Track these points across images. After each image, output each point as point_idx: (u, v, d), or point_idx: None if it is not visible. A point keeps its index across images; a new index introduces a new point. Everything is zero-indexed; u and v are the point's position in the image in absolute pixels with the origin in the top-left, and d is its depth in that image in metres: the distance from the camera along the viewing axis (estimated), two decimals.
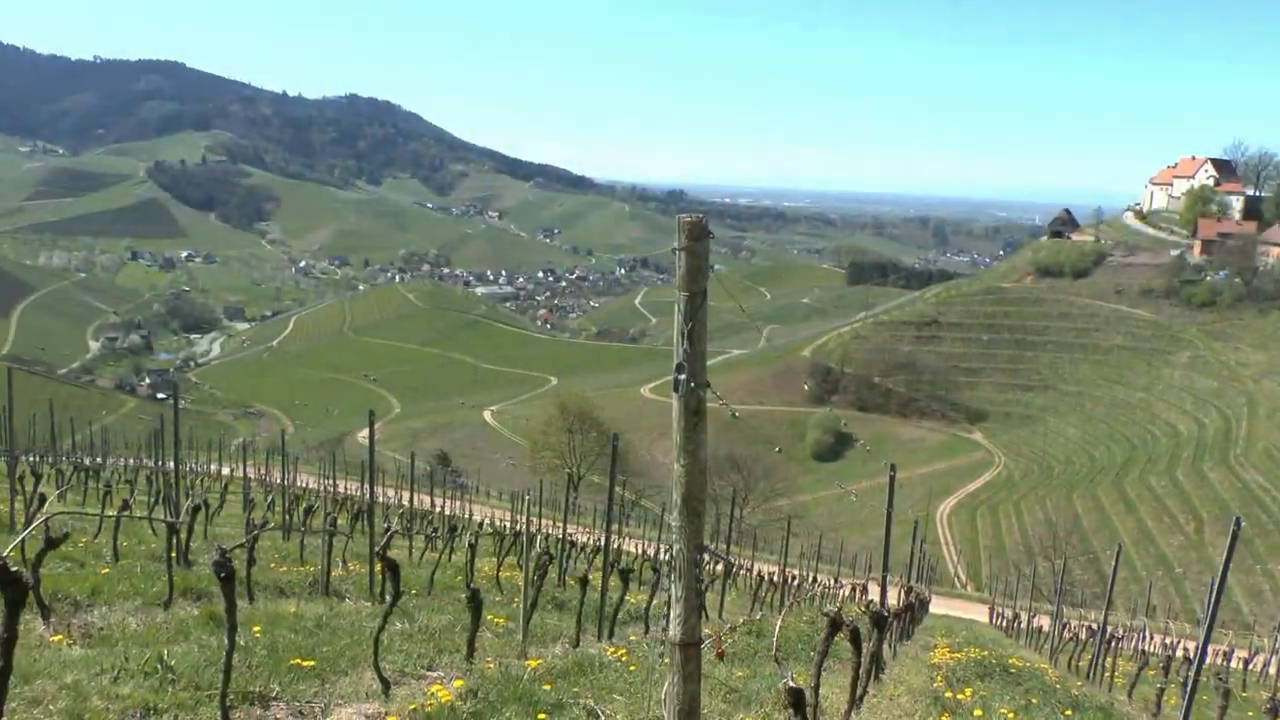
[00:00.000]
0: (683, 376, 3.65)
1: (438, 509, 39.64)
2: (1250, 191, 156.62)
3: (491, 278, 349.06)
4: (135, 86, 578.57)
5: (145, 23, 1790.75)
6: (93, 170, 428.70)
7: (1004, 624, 32.82)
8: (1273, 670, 30.85)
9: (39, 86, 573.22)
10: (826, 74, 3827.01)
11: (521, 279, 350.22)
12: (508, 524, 31.20)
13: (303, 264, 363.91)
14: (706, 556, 3.93)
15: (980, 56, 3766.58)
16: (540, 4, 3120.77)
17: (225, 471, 48.15)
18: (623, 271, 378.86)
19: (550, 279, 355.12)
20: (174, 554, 11.67)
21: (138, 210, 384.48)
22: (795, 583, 29.14)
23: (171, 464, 21.55)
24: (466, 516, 39.69)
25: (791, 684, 4.36)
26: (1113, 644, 19.34)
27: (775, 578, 25.76)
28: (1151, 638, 31.93)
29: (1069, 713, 11.34)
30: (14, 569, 4.47)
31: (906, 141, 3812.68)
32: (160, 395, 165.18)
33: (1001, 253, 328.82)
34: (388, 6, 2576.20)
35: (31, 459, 32.86)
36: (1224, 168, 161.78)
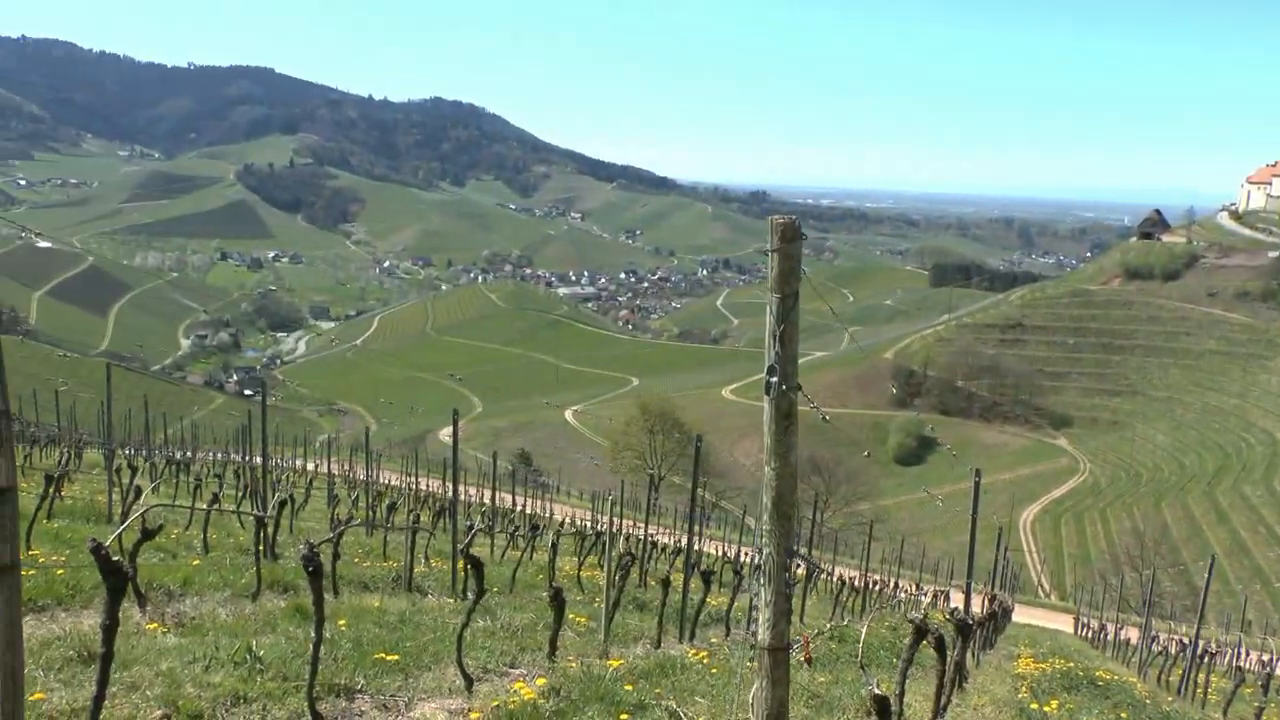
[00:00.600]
0: (774, 379, 3.62)
1: (519, 507, 39.89)
2: None
3: (574, 278, 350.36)
4: (227, 92, 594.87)
5: (238, 30, 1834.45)
6: (185, 173, 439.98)
7: (1089, 635, 32.19)
8: None
9: (137, 93, 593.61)
10: (913, 73, 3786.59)
11: (603, 280, 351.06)
12: (588, 523, 31.32)
13: (387, 264, 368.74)
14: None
15: (1068, 51, 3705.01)
16: (623, 6, 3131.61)
17: (309, 467, 48.93)
18: (705, 273, 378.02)
19: (632, 280, 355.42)
20: (261, 547, 11.88)
21: (228, 212, 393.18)
22: (877, 588, 28.90)
23: (258, 459, 21.93)
24: (547, 515, 39.92)
25: (877, 691, 4.31)
26: (1205, 659, 18.81)
27: (857, 582, 25.55)
28: (1248, 654, 30.93)
29: None
30: (115, 559, 4.58)
31: (993, 141, 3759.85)
32: (247, 392, 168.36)
33: (1088, 254, 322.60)
34: (474, 11, 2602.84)
35: (127, 452, 33.68)
36: None
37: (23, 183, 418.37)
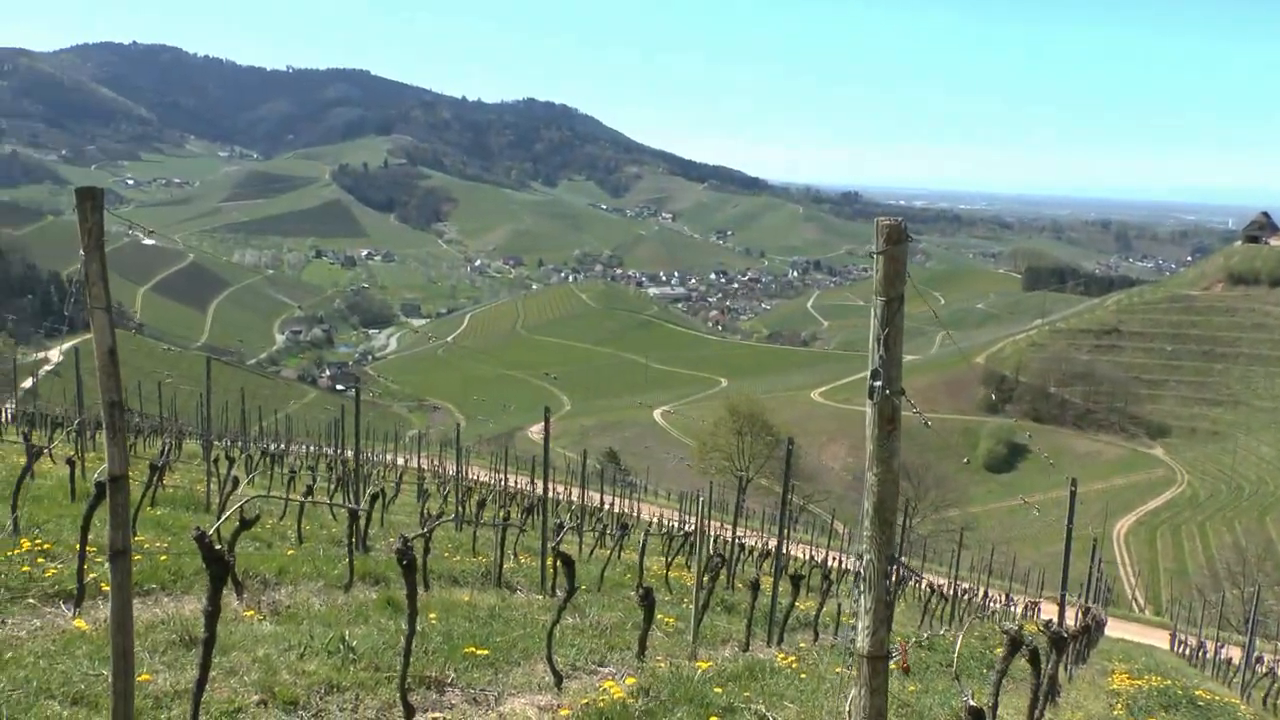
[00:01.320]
0: (878, 383, 3.58)
1: (606, 506, 40.03)
2: None
3: (664, 279, 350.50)
4: (324, 94, 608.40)
5: (335, 34, 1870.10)
6: (283, 173, 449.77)
7: (1187, 653, 31.37)
8: None
9: (239, 96, 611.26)
10: (1010, 71, 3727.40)
11: (694, 280, 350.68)
12: (675, 523, 31.29)
13: (478, 263, 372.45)
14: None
15: (1170, 49, 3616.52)
16: (718, 7, 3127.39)
17: (399, 462, 49.60)
18: (795, 274, 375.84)
19: (722, 280, 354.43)
20: (354, 539, 12.07)
21: (323, 211, 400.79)
22: (965, 597, 28.48)
23: (350, 453, 22.29)
24: (635, 515, 39.99)
25: (972, 703, 4.25)
26: None
27: (945, 590, 25.21)
28: None
29: None
30: (217, 548, 4.69)
31: (1092, 141, 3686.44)
32: (339, 387, 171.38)
33: (1190, 258, 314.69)
34: (567, 13, 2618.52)
35: (224, 444, 34.45)
36: None
37: (130, 182, 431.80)
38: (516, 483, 40.06)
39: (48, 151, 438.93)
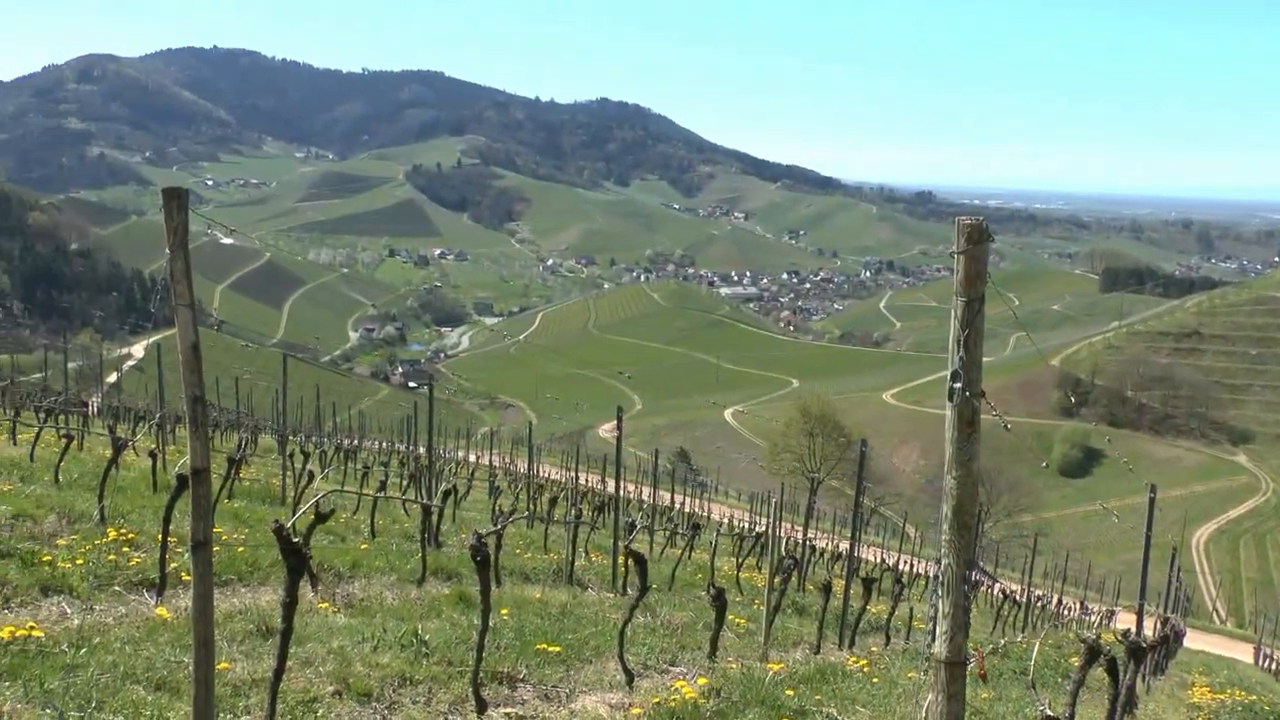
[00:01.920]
0: (958, 385, 3.54)
1: (677, 506, 40.04)
2: None
3: (736, 278, 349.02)
4: (399, 95, 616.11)
5: (411, 36, 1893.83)
6: (357, 174, 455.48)
7: (1273, 667, 30.57)
8: None
9: (315, 98, 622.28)
10: (1086, 68, 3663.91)
11: (765, 280, 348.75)
12: (745, 524, 31.20)
13: (550, 262, 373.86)
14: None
15: (1254, 43, 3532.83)
16: (790, 6, 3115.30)
17: (471, 459, 50.01)
18: (868, 274, 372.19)
19: (794, 280, 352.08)
20: (426, 534, 12.20)
21: (396, 211, 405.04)
22: (1039, 604, 28.07)
23: (423, 449, 22.51)
24: (705, 515, 39.93)
25: (1049, 713, 4.20)
26: None
27: (1018, 596, 24.86)
28: None
29: None
30: (295, 541, 4.76)
31: (1172, 138, 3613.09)
32: (411, 384, 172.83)
33: (1276, 259, 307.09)
34: (641, 14, 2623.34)
35: (299, 439, 34.99)
36: None
37: (210, 183, 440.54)
38: (587, 481, 40.21)
39: (132, 153, 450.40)
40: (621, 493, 14.00)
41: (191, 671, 4.40)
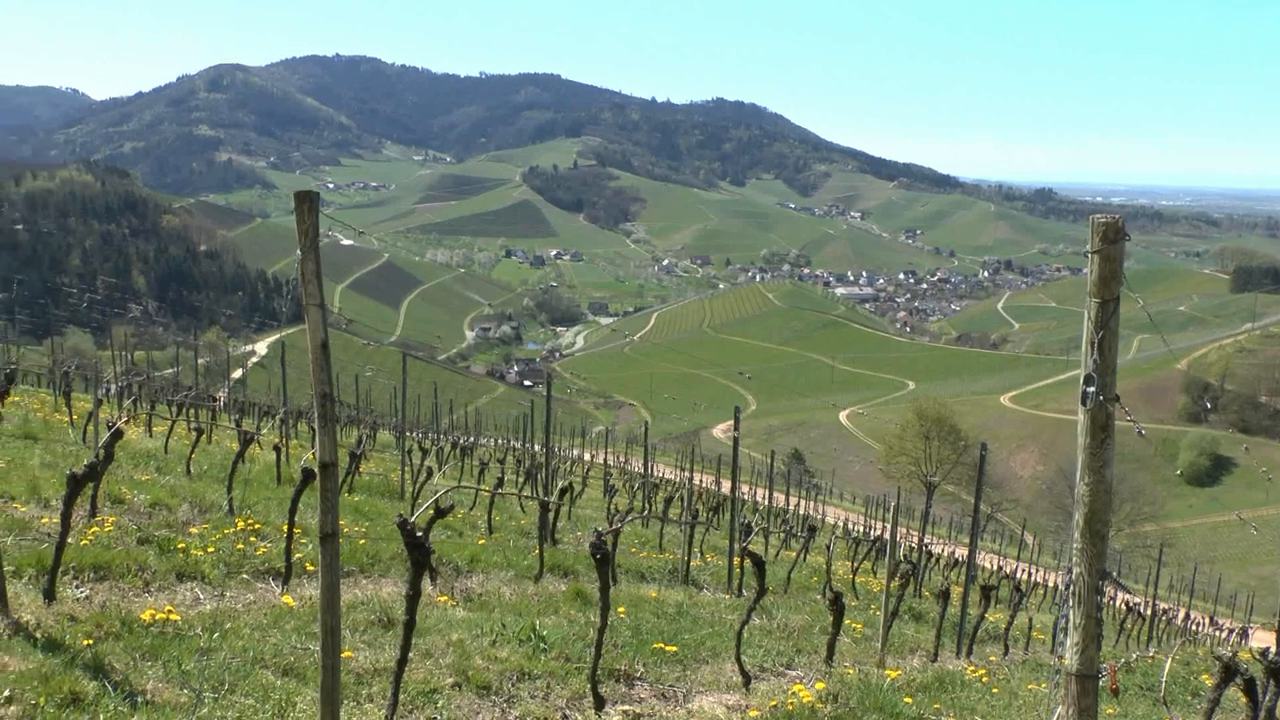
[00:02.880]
0: (1091, 389, 3.44)
1: (792, 507, 39.77)
2: None
3: (851, 278, 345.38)
4: (515, 98, 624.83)
5: (526, 39, 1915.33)
6: (474, 176, 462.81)
7: None
8: None
9: (432, 102, 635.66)
10: (1216, 56, 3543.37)
11: (881, 280, 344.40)
12: (860, 527, 30.86)
13: (665, 262, 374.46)
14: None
15: None
16: (908, 3, 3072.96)
17: (585, 457, 50.32)
18: (986, 274, 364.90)
19: (911, 280, 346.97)
20: (543, 531, 12.31)
21: (513, 212, 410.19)
22: (1164, 617, 27.22)
23: (538, 447, 22.74)
24: (820, 517, 39.60)
25: None
26: None
27: (1142, 608, 24.15)
28: None
29: None
30: (418, 535, 4.86)
31: None
32: (526, 383, 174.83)
33: None
34: (758, 13, 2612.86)
35: (417, 435, 35.65)
36: None
37: (331, 186, 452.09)
38: (702, 480, 40.19)
39: (258, 158, 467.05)
40: (737, 494, 13.95)
41: (319, 659, 4.50)
